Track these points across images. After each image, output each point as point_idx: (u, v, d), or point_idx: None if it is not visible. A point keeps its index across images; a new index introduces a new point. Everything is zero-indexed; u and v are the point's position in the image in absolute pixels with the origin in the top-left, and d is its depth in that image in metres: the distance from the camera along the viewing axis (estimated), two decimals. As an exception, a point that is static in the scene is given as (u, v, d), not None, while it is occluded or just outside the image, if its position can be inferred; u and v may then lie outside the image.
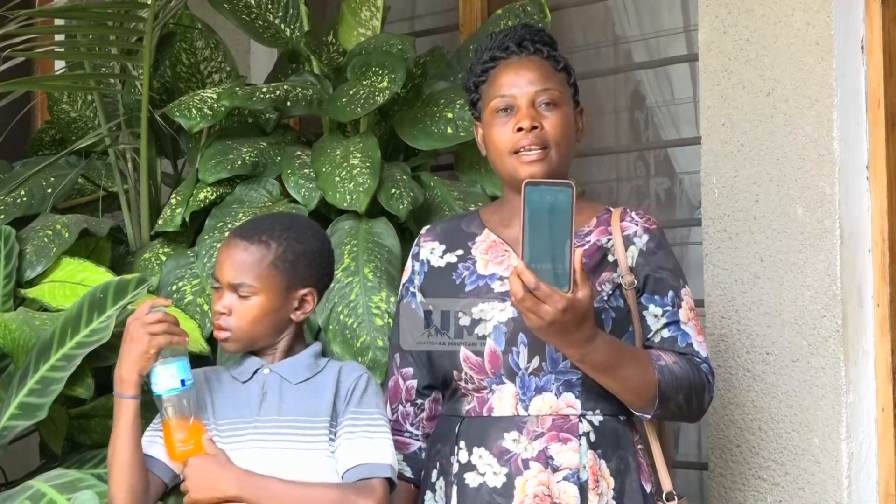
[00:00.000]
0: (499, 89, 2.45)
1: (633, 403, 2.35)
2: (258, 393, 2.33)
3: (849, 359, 2.86)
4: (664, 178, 3.84)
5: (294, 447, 2.29)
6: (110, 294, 2.72)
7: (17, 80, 3.42)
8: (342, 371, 2.37)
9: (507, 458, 2.35)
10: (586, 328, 2.24)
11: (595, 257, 2.42)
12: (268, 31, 3.54)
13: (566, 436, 2.34)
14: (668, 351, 2.39)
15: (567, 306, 2.18)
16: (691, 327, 2.42)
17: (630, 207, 2.52)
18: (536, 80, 2.44)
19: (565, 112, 2.45)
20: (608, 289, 2.40)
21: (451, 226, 2.60)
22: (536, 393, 2.37)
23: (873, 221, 2.91)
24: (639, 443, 2.43)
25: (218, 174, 3.18)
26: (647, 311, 2.41)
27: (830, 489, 2.85)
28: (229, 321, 2.35)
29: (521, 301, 2.20)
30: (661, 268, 2.43)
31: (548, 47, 2.50)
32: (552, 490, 2.32)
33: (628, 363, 2.31)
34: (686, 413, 2.42)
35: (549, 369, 2.36)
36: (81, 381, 2.80)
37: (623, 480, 2.37)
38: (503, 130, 2.43)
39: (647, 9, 3.82)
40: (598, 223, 2.48)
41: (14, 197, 3.36)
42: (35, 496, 2.47)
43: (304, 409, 2.31)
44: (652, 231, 2.46)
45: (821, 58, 2.90)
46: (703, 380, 2.39)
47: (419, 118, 3.25)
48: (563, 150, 2.43)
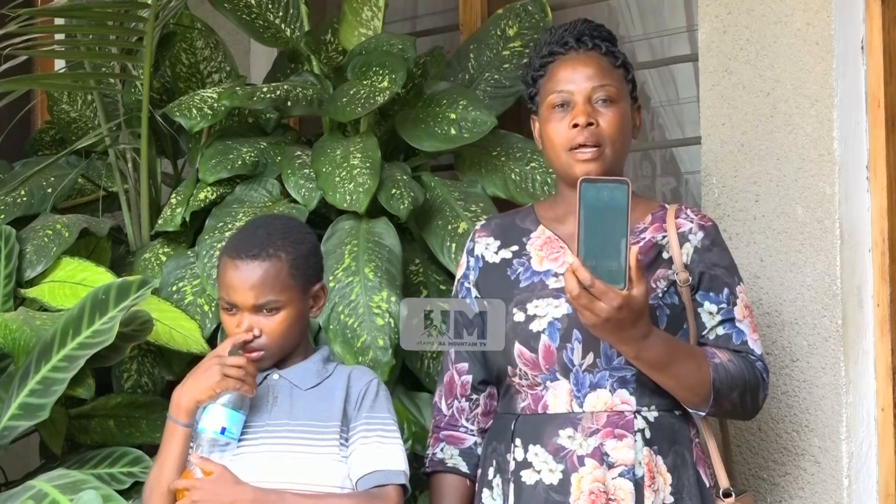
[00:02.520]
0: (556, 84, 2.45)
1: (688, 400, 2.35)
2: (268, 398, 2.32)
3: (849, 359, 2.86)
4: (670, 177, 3.84)
5: (305, 451, 2.29)
6: (112, 295, 2.72)
7: (17, 78, 3.42)
8: (352, 376, 2.37)
9: (563, 455, 2.35)
10: (641, 325, 2.25)
11: (650, 254, 2.42)
12: (268, 31, 3.54)
13: (621, 432, 2.34)
14: (722, 349, 2.39)
15: (622, 304, 2.19)
16: (746, 325, 2.42)
17: (685, 204, 2.52)
18: (594, 75, 2.44)
19: (622, 109, 2.45)
20: (663, 286, 2.40)
21: (506, 221, 2.60)
22: (591, 390, 2.37)
23: (873, 221, 2.90)
24: (696, 437, 2.43)
25: (218, 174, 3.18)
26: (702, 308, 2.42)
27: (830, 489, 2.85)
28: (261, 342, 2.33)
29: (577, 298, 2.20)
30: (716, 265, 2.43)
31: (607, 43, 2.50)
32: (608, 486, 2.32)
33: (683, 360, 2.32)
34: (740, 411, 2.42)
35: (604, 366, 2.36)
36: (82, 382, 2.80)
37: (680, 476, 2.37)
38: (559, 126, 2.43)
39: (650, 8, 3.82)
40: (653, 220, 2.48)
41: (14, 197, 3.37)
42: (38, 496, 2.48)
43: (314, 414, 2.31)
44: (707, 228, 2.46)
45: (821, 58, 2.90)
46: (758, 378, 2.40)
47: (421, 118, 3.25)
48: (619, 148, 2.43)
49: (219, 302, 2.38)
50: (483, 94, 3.38)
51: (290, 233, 2.39)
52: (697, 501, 2.37)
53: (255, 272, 2.32)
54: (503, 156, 3.25)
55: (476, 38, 3.51)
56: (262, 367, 2.34)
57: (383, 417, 2.34)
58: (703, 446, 2.45)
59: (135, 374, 3.07)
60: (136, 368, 3.08)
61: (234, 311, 2.33)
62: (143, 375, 3.08)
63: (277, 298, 2.32)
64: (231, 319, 2.34)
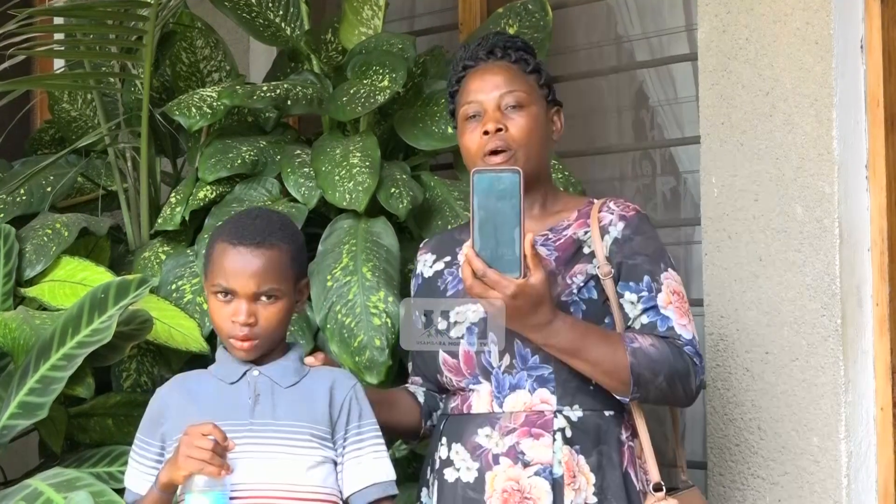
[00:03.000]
0: (467, 96, 2.50)
1: (609, 386, 2.35)
2: (249, 395, 2.31)
3: (848, 358, 2.86)
4: (669, 177, 3.84)
5: (288, 452, 2.28)
6: (111, 294, 2.72)
7: (17, 79, 3.43)
8: (335, 380, 2.36)
9: (479, 454, 2.37)
10: (543, 312, 2.26)
11: (569, 250, 2.43)
12: (268, 30, 3.54)
13: (538, 431, 2.35)
14: (646, 334, 2.37)
15: (517, 291, 2.21)
16: (672, 311, 2.40)
17: (612, 198, 2.53)
18: (502, 83, 2.47)
19: (533, 112, 2.47)
20: (579, 281, 2.40)
21: (445, 236, 2.65)
22: (510, 391, 2.38)
23: (872, 221, 2.90)
24: (629, 439, 2.42)
25: (217, 173, 3.19)
26: (623, 298, 2.41)
27: (829, 488, 2.85)
28: (256, 330, 2.32)
29: (471, 288, 2.24)
30: (637, 254, 2.42)
31: (519, 52, 2.54)
32: (522, 485, 2.33)
33: (596, 345, 2.32)
34: (672, 397, 2.40)
35: (521, 366, 2.37)
36: (81, 381, 2.81)
37: (605, 476, 2.36)
38: (472, 136, 2.46)
39: (649, 8, 3.81)
40: (578, 216, 2.49)
41: (14, 196, 3.37)
42: (32, 495, 2.48)
43: (297, 415, 2.30)
44: (628, 218, 2.46)
45: (820, 57, 2.90)
46: (687, 362, 2.37)
47: (420, 118, 3.25)
48: (532, 151, 2.46)
49: (209, 289, 2.33)
50: (482, 93, 3.38)
51: (287, 225, 2.39)
52: (623, 502, 2.36)
53: (259, 259, 2.31)
54: (503, 155, 3.24)
55: (475, 37, 3.50)
56: (249, 358, 2.34)
57: (372, 426, 2.35)
58: (638, 449, 2.43)
59: (134, 373, 3.07)
60: (136, 367, 3.08)
61: (229, 298, 2.31)
62: (142, 374, 3.08)
63: (278, 287, 2.31)
64: (225, 307, 2.31)
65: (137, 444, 2.36)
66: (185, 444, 2.20)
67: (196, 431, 2.20)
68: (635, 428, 2.43)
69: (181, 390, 2.37)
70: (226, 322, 2.30)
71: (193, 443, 2.19)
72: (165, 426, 2.33)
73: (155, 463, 2.32)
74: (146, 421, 2.37)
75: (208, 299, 2.35)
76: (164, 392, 2.38)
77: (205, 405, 2.31)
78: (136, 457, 2.36)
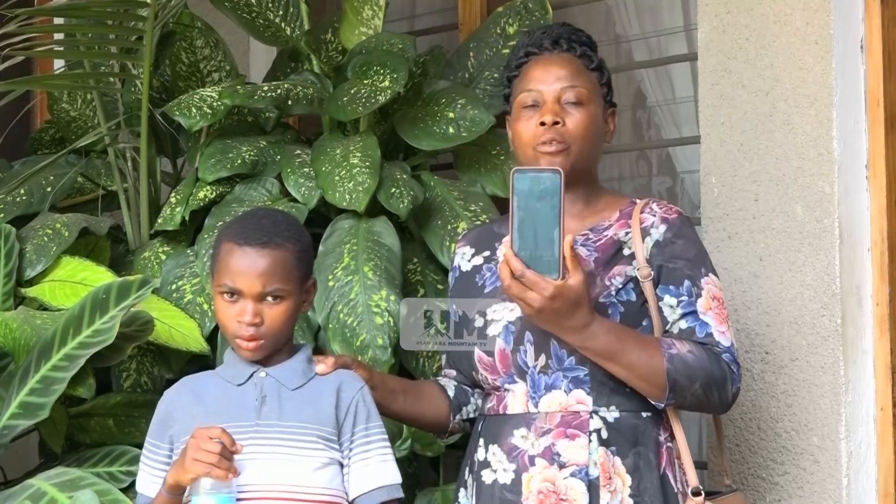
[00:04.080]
0: (527, 84, 2.47)
1: (645, 391, 2.33)
2: (256, 397, 2.31)
3: (848, 358, 2.86)
4: (666, 177, 3.84)
5: (294, 453, 2.28)
6: (113, 295, 2.72)
7: (16, 79, 3.42)
8: (342, 382, 2.36)
9: (515, 455, 2.36)
10: (581, 315, 2.25)
11: (609, 251, 2.42)
12: (268, 30, 3.54)
13: (574, 432, 2.34)
14: (684, 340, 2.36)
15: (555, 293, 2.20)
16: (711, 317, 2.39)
17: (655, 199, 2.51)
18: (564, 77, 2.45)
19: (591, 111, 2.46)
20: (618, 282, 2.39)
21: (485, 229, 2.63)
22: (546, 391, 2.37)
23: (872, 221, 2.90)
24: (667, 441, 2.40)
25: (217, 173, 3.18)
26: (662, 301, 2.39)
27: (829, 488, 2.85)
28: (262, 330, 2.32)
29: (509, 288, 2.23)
30: (677, 257, 2.40)
31: (584, 46, 2.52)
32: (558, 486, 2.32)
33: (633, 350, 2.30)
34: (707, 404, 2.39)
35: (556, 367, 2.35)
36: (83, 381, 2.81)
37: (642, 478, 2.34)
38: (527, 125, 2.44)
39: (648, 8, 3.82)
40: (619, 217, 2.47)
41: (14, 196, 3.37)
42: (36, 495, 2.48)
43: (304, 416, 2.30)
44: (670, 221, 2.44)
45: (820, 57, 2.90)
46: (724, 370, 2.36)
47: (420, 117, 3.25)
48: (585, 149, 2.44)
49: (216, 289, 2.34)
50: (483, 92, 3.38)
51: (293, 225, 2.39)
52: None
53: (265, 259, 2.31)
54: (503, 154, 3.25)
55: (476, 36, 3.51)
56: (255, 358, 2.34)
57: (379, 428, 2.35)
58: (676, 450, 2.42)
59: (134, 373, 3.07)
60: (136, 368, 3.08)
61: (235, 298, 2.32)
62: (142, 375, 3.08)
63: (284, 287, 2.31)
64: (231, 307, 2.31)
65: (147, 448, 2.37)
66: (193, 447, 2.20)
67: (203, 434, 2.20)
68: (672, 429, 2.42)
69: (189, 392, 2.37)
70: (231, 322, 2.31)
71: (201, 446, 2.19)
72: (174, 428, 2.33)
73: (164, 465, 2.33)
74: (154, 424, 2.37)
75: (214, 299, 2.35)
76: (171, 394, 2.38)
77: (212, 407, 2.32)
78: (146, 460, 2.36)
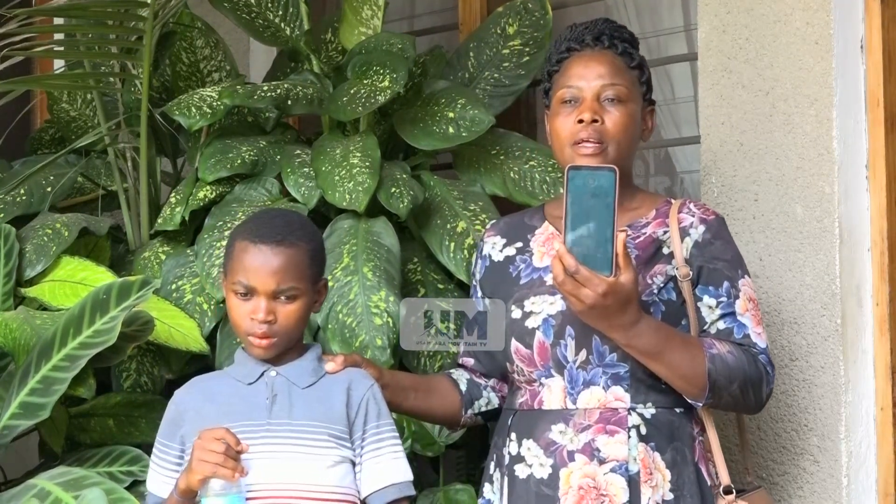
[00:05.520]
0: (567, 80, 2.47)
1: (684, 390, 2.35)
2: (267, 396, 2.32)
3: (848, 358, 2.86)
4: (664, 176, 3.84)
5: (304, 452, 2.28)
6: (113, 295, 2.72)
7: (16, 79, 3.42)
8: (353, 380, 2.36)
9: (553, 450, 2.36)
10: (630, 312, 2.26)
11: (649, 249, 2.43)
12: (268, 30, 3.54)
13: (613, 428, 2.34)
14: (723, 341, 2.38)
15: (608, 290, 2.21)
16: (749, 318, 2.41)
17: (690, 199, 2.52)
18: (605, 74, 2.45)
19: (630, 109, 2.46)
20: (659, 281, 2.40)
21: (514, 220, 2.63)
22: (584, 386, 2.37)
23: (872, 221, 2.90)
24: (699, 435, 2.42)
25: (217, 173, 3.18)
26: (701, 302, 2.41)
27: (829, 488, 2.85)
28: (275, 328, 2.32)
29: (562, 284, 2.23)
30: (717, 258, 2.42)
31: (625, 43, 2.52)
32: (598, 482, 2.33)
33: (676, 349, 2.31)
34: (742, 404, 2.41)
35: (597, 362, 2.36)
36: (83, 382, 2.81)
37: (680, 473, 2.36)
38: (566, 121, 2.44)
39: (648, 8, 3.82)
40: (656, 215, 2.48)
41: (14, 196, 3.37)
42: (40, 494, 2.47)
43: (314, 415, 2.30)
44: (709, 222, 2.45)
45: (820, 57, 2.90)
46: (761, 371, 2.39)
47: (420, 117, 3.25)
48: (623, 147, 2.44)
49: (229, 287, 2.34)
50: (483, 92, 3.38)
51: (306, 225, 2.41)
52: (697, 499, 2.37)
53: (279, 257, 2.31)
54: (502, 154, 3.25)
55: (476, 36, 3.51)
56: (267, 356, 2.34)
57: (390, 426, 2.35)
58: (707, 444, 2.44)
59: (134, 373, 3.08)
60: (136, 368, 3.08)
61: (248, 297, 2.32)
62: (142, 375, 3.08)
63: (297, 286, 2.32)
64: (244, 305, 2.32)
65: (157, 448, 2.37)
66: (198, 449, 2.21)
67: (208, 436, 2.21)
68: (703, 423, 2.44)
69: (199, 392, 2.38)
70: (244, 319, 2.31)
71: (205, 447, 2.20)
72: (184, 428, 2.33)
73: (175, 465, 2.33)
74: (165, 424, 2.38)
75: (227, 297, 2.36)
76: (181, 394, 2.39)
77: (222, 406, 2.33)
78: (156, 460, 2.37)
